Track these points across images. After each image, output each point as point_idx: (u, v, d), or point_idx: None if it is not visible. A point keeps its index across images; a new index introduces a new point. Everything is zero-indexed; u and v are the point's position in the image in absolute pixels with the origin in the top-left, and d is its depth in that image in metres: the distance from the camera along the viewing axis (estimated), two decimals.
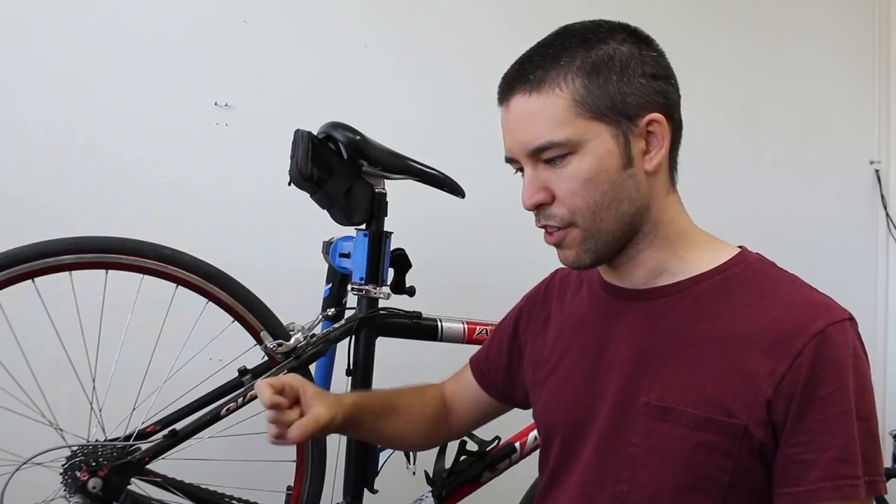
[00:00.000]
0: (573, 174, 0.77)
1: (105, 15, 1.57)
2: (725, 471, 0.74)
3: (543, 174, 0.79)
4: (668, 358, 0.79)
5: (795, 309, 0.74)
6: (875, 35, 2.42)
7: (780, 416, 0.72)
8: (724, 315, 0.77)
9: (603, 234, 0.79)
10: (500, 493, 1.34)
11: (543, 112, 0.77)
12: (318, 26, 1.75)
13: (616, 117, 0.77)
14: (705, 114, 2.11)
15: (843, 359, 0.71)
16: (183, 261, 1.13)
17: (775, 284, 0.78)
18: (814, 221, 2.29)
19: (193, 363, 1.20)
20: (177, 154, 1.62)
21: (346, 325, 1.25)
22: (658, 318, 0.81)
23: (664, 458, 0.77)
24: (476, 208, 1.54)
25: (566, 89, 0.76)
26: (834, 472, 0.70)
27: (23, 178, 1.50)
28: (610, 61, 0.77)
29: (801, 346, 0.71)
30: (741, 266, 0.80)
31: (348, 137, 1.20)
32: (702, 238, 0.84)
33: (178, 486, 1.14)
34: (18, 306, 1.07)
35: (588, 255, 0.80)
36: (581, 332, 0.91)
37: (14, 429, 1.06)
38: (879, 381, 2.37)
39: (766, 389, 0.72)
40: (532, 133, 0.78)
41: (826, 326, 0.72)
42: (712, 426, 0.74)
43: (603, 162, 0.77)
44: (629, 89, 0.77)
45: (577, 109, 0.76)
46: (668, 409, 0.77)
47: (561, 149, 0.77)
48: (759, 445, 0.73)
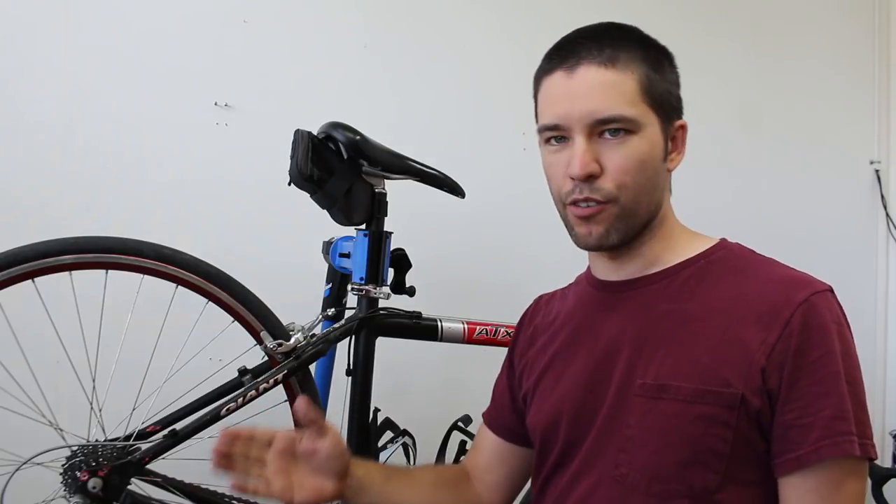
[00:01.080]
0: (630, 153, 0.79)
1: (105, 15, 1.57)
2: (726, 441, 0.75)
3: (597, 147, 0.80)
4: (661, 340, 0.81)
5: (778, 283, 0.78)
6: (875, 35, 2.42)
7: (774, 384, 0.74)
8: (712, 294, 0.81)
9: (636, 217, 0.82)
10: None
11: (616, 87, 0.79)
12: (318, 26, 1.75)
13: (664, 113, 0.82)
14: (706, 114, 2.11)
15: (828, 325, 0.75)
16: (183, 261, 1.13)
17: (757, 265, 0.83)
18: (814, 221, 2.29)
19: (193, 363, 1.20)
20: (177, 154, 1.62)
21: (346, 325, 1.25)
22: (649, 304, 0.84)
23: (662, 435, 0.78)
24: (476, 208, 1.53)
25: (637, 72, 0.80)
26: (831, 429, 0.72)
27: (23, 178, 1.50)
28: (663, 61, 0.83)
29: (789, 315, 0.75)
30: (724, 252, 0.85)
31: (348, 137, 1.20)
32: (686, 232, 0.90)
33: (178, 486, 1.14)
34: (18, 306, 1.07)
35: (617, 234, 0.82)
36: (572, 332, 0.92)
37: (14, 429, 1.06)
38: (879, 381, 2.36)
39: (760, 358, 0.75)
40: (604, 103, 0.78)
41: (810, 296, 0.75)
42: (709, 397, 0.76)
43: (654, 149, 0.81)
44: (672, 91, 0.84)
45: (644, 94, 0.80)
46: (664, 386, 0.78)
47: (626, 125, 0.79)
48: (755, 413, 0.75)
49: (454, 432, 1.28)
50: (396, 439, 1.24)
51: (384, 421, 1.26)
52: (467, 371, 1.73)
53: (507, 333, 1.30)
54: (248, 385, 1.15)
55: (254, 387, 1.15)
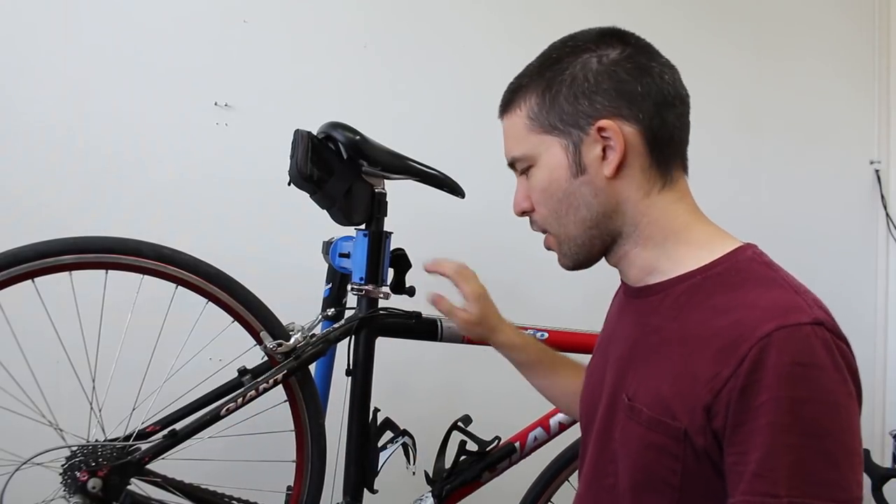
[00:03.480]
0: (534, 185, 0.84)
1: (105, 15, 1.57)
2: (675, 473, 0.73)
3: (525, 185, 0.86)
4: (646, 356, 0.80)
5: (756, 311, 0.70)
6: (875, 35, 2.42)
7: (719, 424, 0.69)
8: (694, 315, 0.76)
9: (571, 239, 0.84)
10: (500, 494, 1.34)
11: (509, 130, 0.86)
12: (318, 26, 1.75)
13: (566, 129, 0.80)
14: (706, 114, 2.10)
15: (783, 366, 0.65)
16: (183, 261, 1.13)
17: (753, 285, 0.74)
18: (814, 221, 2.29)
19: (193, 363, 1.20)
20: (177, 154, 1.62)
21: (345, 325, 1.25)
22: (645, 317, 0.82)
23: (629, 455, 0.78)
24: (476, 208, 1.53)
25: (524, 108, 0.83)
26: (751, 486, 0.66)
27: (23, 178, 1.50)
28: (562, 75, 0.80)
29: (746, 351, 0.67)
30: (726, 265, 0.77)
31: (348, 137, 1.20)
32: (700, 236, 0.81)
33: (177, 486, 1.14)
34: (18, 306, 1.07)
35: (568, 258, 0.86)
36: (606, 329, 0.96)
37: (14, 429, 1.06)
38: (879, 381, 2.36)
39: (705, 395, 0.69)
40: (506, 148, 0.87)
41: (774, 330, 0.67)
42: (660, 427, 0.74)
43: (553, 173, 0.82)
44: (578, 101, 0.79)
45: (531, 125, 0.82)
46: (634, 407, 0.78)
47: (524, 162, 0.84)
48: (703, 451, 0.71)
49: (454, 432, 1.28)
50: (396, 439, 1.24)
51: (384, 421, 1.26)
52: (467, 371, 1.73)
53: None
54: (247, 385, 1.15)
55: (254, 387, 1.15)
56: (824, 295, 0.76)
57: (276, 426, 1.22)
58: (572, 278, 0.99)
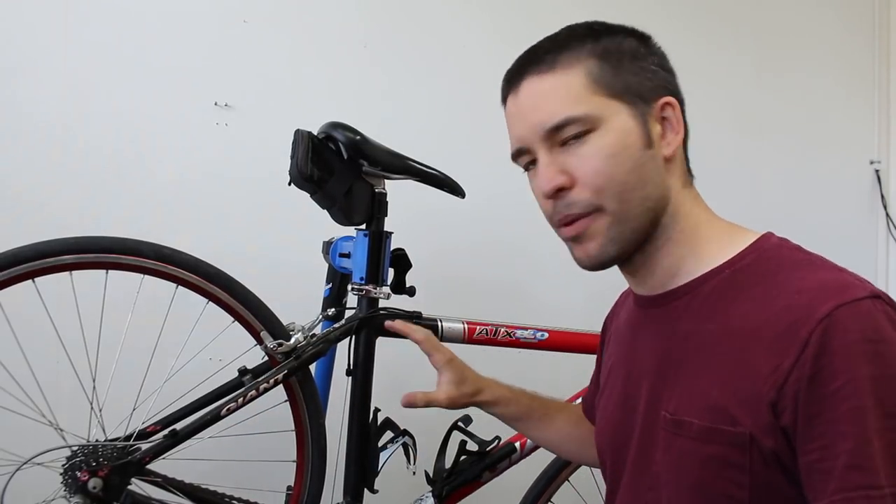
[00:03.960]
0: (595, 151, 0.72)
1: (105, 14, 1.57)
2: (741, 487, 0.65)
3: (561, 158, 0.74)
4: (683, 365, 0.73)
5: (806, 294, 0.65)
6: (875, 36, 2.42)
7: (788, 420, 0.63)
8: (732, 311, 0.70)
9: (630, 220, 0.73)
10: (500, 494, 1.34)
11: (558, 90, 0.73)
12: (318, 26, 1.75)
13: (632, 98, 0.74)
14: (705, 114, 2.10)
15: (852, 345, 0.61)
16: (183, 261, 1.13)
17: (790, 269, 0.70)
18: (814, 221, 2.29)
19: (193, 363, 1.20)
20: (177, 154, 1.62)
21: (346, 325, 1.25)
22: (673, 324, 0.75)
23: (680, 475, 0.70)
24: (476, 208, 1.53)
25: (580, 68, 0.73)
26: (845, 482, 0.60)
27: (23, 178, 1.50)
28: (619, 48, 0.75)
29: (807, 336, 0.62)
30: (754, 255, 0.73)
31: (348, 137, 1.20)
32: (718, 231, 0.78)
33: (178, 486, 1.14)
34: (18, 306, 1.07)
35: (613, 245, 0.74)
36: (619, 347, 0.87)
37: (14, 429, 1.06)
38: None
39: (769, 391, 0.63)
40: (547, 111, 0.73)
41: (834, 309, 0.62)
42: (718, 437, 0.66)
43: (626, 138, 0.72)
44: (642, 73, 0.75)
45: (594, 86, 0.73)
46: (680, 422, 0.70)
47: (580, 125, 0.72)
48: (772, 455, 0.64)
49: (454, 432, 1.28)
50: (396, 439, 1.24)
51: (384, 421, 1.26)
52: None
53: (508, 333, 1.30)
54: (248, 385, 1.15)
55: (254, 387, 1.14)
56: None
57: (277, 426, 1.22)
58: (573, 277, 0.98)
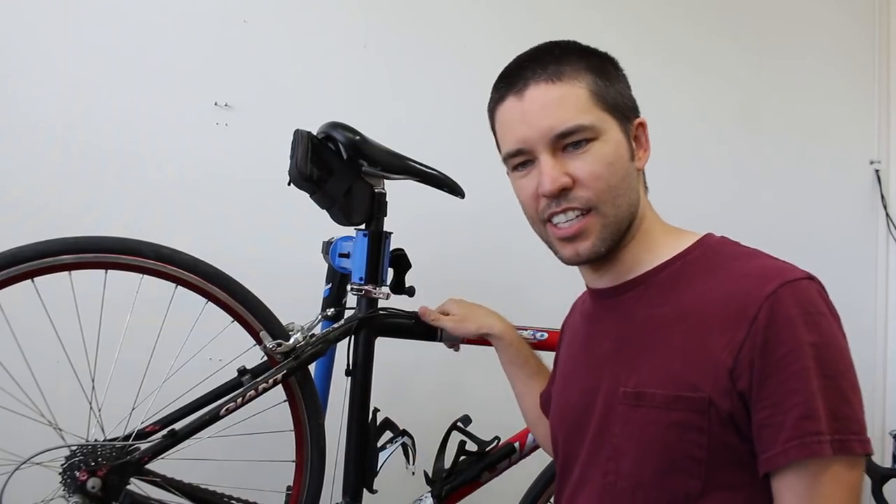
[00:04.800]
0: (597, 158, 0.81)
1: (105, 15, 1.57)
2: (701, 447, 0.74)
3: (564, 161, 0.81)
4: (640, 347, 0.82)
5: (750, 278, 0.76)
6: (875, 35, 2.41)
7: (744, 384, 0.73)
8: (685, 296, 0.80)
9: (619, 222, 0.83)
10: (499, 494, 1.34)
11: (567, 99, 0.81)
12: (318, 26, 1.75)
13: (620, 114, 0.84)
14: (705, 114, 2.11)
15: (795, 317, 0.72)
16: (182, 261, 1.13)
17: (732, 260, 0.80)
18: (814, 221, 2.29)
19: (193, 363, 1.20)
20: (177, 154, 1.62)
21: (345, 325, 1.25)
22: (629, 311, 0.85)
23: (642, 443, 0.78)
24: (476, 208, 1.53)
25: (584, 81, 0.82)
26: (799, 429, 0.70)
27: (23, 178, 1.50)
28: (606, 67, 0.85)
29: (756, 311, 0.72)
30: (701, 249, 0.84)
31: (348, 137, 1.20)
32: (668, 232, 0.88)
33: (177, 486, 1.14)
34: (18, 306, 1.07)
35: (604, 244, 0.83)
36: (576, 340, 0.96)
37: (14, 429, 1.06)
38: (879, 381, 2.36)
39: (726, 359, 0.73)
40: (558, 118, 0.80)
41: (778, 288, 0.73)
42: (680, 403, 0.75)
43: (619, 149, 0.83)
44: (623, 92, 0.85)
45: (595, 100, 0.82)
46: (641, 393, 0.79)
47: (586, 133, 0.80)
48: (728, 416, 0.73)
49: (453, 432, 1.28)
50: (396, 439, 1.24)
51: (384, 421, 1.26)
52: (466, 371, 1.73)
53: None
54: (247, 385, 1.15)
55: (253, 387, 1.14)
56: None
57: (276, 426, 1.22)
58: (572, 278, 0.98)
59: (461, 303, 1.26)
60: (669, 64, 2.04)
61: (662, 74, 2.01)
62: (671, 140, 1.80)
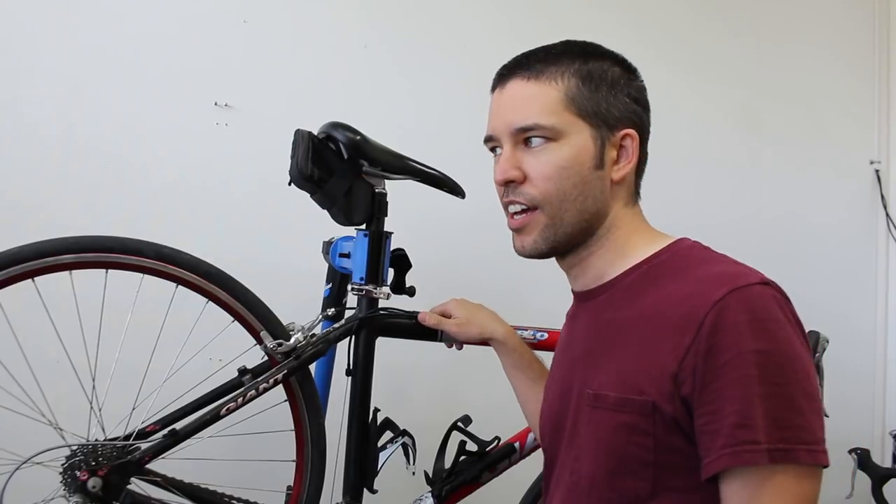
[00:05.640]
0: (551, 159, 0.83)
1: (105, 15, 1.57)
2: (647, 449, 0.75)
3: (520, 154, 0.85)
4: (605, 348, 0.83)
5: (703, 283, 0.75)
6: (875, 34, 2.42)
7: (688, 389, 0.72)
8: (646, 300, 0.81)
9: (563, 226, 0.84)
10: (499, 494, 1.34)
11: (536, 98, 0.84)
12: (318, 26, 1.75)
13: (598, 122, 0.84)
14: (705, 113, 2.11)
15: (740, 324, 0.71)
16: (183, 260, 1.13)
17: (696, 265, 0.80)
18: (814, 221, 2.29)
19: (193, 363, 1.20)
20: (177, 154, 1.62)
21: (346, 325, 1.25)
22: (598, 314, 0.86)
23: (597, 443, 0.80)
24: (476, 208, 1.53)
25: (562, 84, 0.83)
26: (733, 438, 0.69)
27: (23, 178, 1.51)
28: (603, 74, 0.85)
29: (703, 316, 0.72)
30: (668, 254, 0.84)
31: (348, 137, 1.20)
32: (645, 235, 0.88)
33: (177, 485, 1.14)
34: (18, 306, 1.07)
35: (546, 243, 0.85)
36: (561, 342, 0.98)
37: (14, 428, 1.06)
38: (879, 382, 2.36)
39: (671, 363, 0.73)
40: (521, 114, 0.84)
41: (727, 294, 0.72)
42: (628, 406, 0.76)
43: (579, 155, 0.83)
44: (614, 102, 0.85)
45: (567, 104, 0.83)
46: (599, 395, 0.80)
47: (545, 132, 0.83)
48: (672, 420, 0.73)
49: (454, 432, 1.28)
50: (396, 439, 1.24)
51: (384, 421, 1.26)
52: (467, 372, 1.73)
53: None
54: (247, 385, 1.15)
55: (253, 387, 1.15)
56: (824, 295, 0.77)
57: (276, 426, 1.22)
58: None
59: (463, 304, 1.25)
60: (669, 64, 2.03)
61: (662, 74, 2.01)
62: (671, 140, 1.80)
